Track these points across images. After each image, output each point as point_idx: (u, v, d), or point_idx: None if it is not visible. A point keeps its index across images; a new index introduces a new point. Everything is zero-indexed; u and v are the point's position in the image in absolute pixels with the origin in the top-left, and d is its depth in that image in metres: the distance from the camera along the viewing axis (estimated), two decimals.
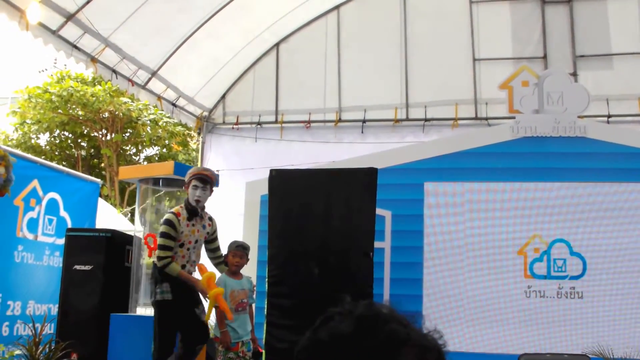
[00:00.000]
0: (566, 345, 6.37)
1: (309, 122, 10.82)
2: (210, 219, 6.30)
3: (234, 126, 11.12)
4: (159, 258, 5.74)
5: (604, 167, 7.54)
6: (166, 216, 5.96)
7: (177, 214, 5.95)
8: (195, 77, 10.93)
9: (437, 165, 7.74)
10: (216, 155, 11.03)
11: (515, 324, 7.24)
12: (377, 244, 7.15)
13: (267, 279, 6.81)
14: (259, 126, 11.02)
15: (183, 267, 5.83)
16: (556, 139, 7.67)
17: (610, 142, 7.67)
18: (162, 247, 5.75)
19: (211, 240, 6.35)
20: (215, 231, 6.34)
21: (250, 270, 7.73)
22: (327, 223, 6.84)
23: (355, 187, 7.10)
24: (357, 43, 11.01)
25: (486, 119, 10.23)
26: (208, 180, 6.11)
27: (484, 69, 10.50)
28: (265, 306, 7.05)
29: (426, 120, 10.45)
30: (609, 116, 9.96)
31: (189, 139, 19.11)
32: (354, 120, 10.71)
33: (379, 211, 7.29)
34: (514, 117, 7.86)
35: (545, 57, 10.49)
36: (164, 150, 19.42)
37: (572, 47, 10.49)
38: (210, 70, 10.99)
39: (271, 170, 7.53)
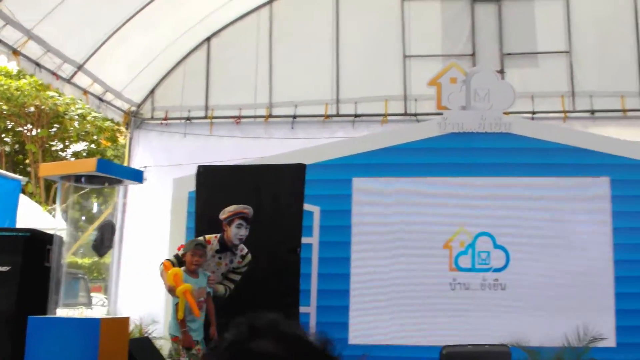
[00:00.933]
0: (489, 336, 6.49)
1: (239, 117, 10.72)
2: (243, 256, 6.25)
3: (163, 121, 10.92)
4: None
5: (528, 162, 7.73)
6: (199, 238, 6.13)
7: (207, 242, 6.06)
8: (123, 71, 10.67)
9: (366, 161, 7.79)
10: (144, 151, 10.79)
11: (440, 316, 7.36)
12: (305, 240, 7.16)
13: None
14: (188, 121, 10.84)
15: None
16: (482, 135, 7.82)
17: (534, 137, 7.87)
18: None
19: (234, 272, 6.30)
20: (242, 267, 6.30)
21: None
22: (255, 219, 6.78)
23: (284, 182, 7.09)
24: (289, 38, 10.96)
25: (415, 115, 10.33)
26: (250, 218, 6.17)
27: (414, 66, 10.59)
28: None
29: (356, 116, 10.48)
30: (534, 112, 10.19)
31: (118, 135, 18.71)
32: (284, 115, 10.66)
33: (307, 207, 7.29)
34: (441, 114, 7.96)
35: (473, 54, 10.66)
36: (93, 146, 18.98)
37: (499, 45, 10.69)
38: (138, 64, 10.75)
39: (198, 167, 7.45)
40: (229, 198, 7.14)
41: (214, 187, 7.26)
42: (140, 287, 9.30)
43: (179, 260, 5.93)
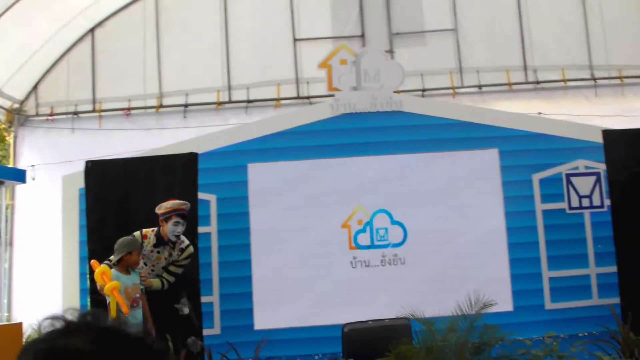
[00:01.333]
0: (391, 310, 6.57)
1: (129, 109, 10.40)
2: (183, 250, 6.16)
3: (49, 117, 10.44)
4: None
5: (420, 138, 7.91)
6: (135, 233, 5.97)
7: (143, 237, 5.99)
8: (1, 67, 10.12)
9: (260, 146, 7.75)
10: (31, 150, 10.28)
11: (342, 294, 7.43)
12: (202, 229, 7.07)
13: (88, 276, 6.51)
14: (75, 116, 10.42)
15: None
16: (374, 114, 7.93)
17: (425, 114, 8.04)
18: None
19: (174, 265, 6.18)
20: (182, 260, 6.20)
21: (72, 266, 7.36)
22: (149, 211, 6.62)
23: (176, 173, 6.97)
24: (177, 26, 10.70)
25: (308, 97, 10.35)
26: (187, 214, 6.09)
27: (304, 49, 10.60)
28: (89, 303, 6.75)
29: (249, 101, 10.40)
30: (424, 90, 10.42)
31: (5, 134, 17.77)
32: (176, 105, 10.43)
33: (203, 195, 7.20)
34: (333, 95, 8.00)
35: (362, 35, 10.76)
36: None
37: (388, 25, 10.84)
38: (18, 59, 10.21)
39: (86, 162, 7.21)
40: (121, 192, 6.96)
41: (105, 182, 7.05)
42: (36, 290, 8.93)
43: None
